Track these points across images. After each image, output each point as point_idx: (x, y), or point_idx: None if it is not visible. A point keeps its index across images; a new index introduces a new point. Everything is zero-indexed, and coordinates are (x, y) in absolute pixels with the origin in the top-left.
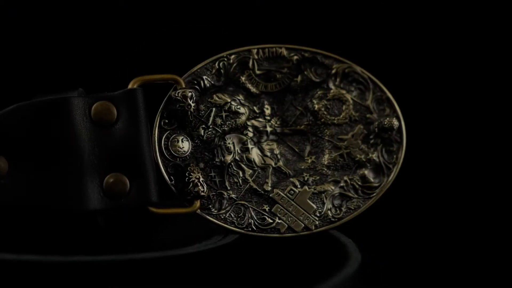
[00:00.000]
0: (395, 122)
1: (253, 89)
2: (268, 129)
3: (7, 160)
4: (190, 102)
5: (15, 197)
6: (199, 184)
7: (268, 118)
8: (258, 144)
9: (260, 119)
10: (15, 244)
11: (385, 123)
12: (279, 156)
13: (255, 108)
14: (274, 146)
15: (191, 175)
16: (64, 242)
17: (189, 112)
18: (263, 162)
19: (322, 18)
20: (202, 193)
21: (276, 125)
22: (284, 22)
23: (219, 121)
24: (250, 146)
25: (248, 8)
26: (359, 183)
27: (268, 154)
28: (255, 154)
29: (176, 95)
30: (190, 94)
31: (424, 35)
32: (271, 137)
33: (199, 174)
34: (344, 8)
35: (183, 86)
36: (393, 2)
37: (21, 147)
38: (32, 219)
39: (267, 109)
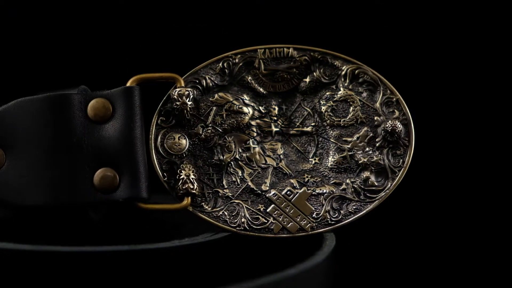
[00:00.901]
0: (399, 126)
1: (260, 89)
2: (274, 129)
3: (5, 154)
4: (187, 101)
5: (8, 194)
6: (188, 181)
7: (275, 118)
8: (261, 144)
9: (265, 119)
10: (8, 234)
11: (387, 126)
12: (282, 156)
13: (261, 108)
14: (278, 146)
15: (181, 172)
16: (50, 234)
17: (185, 111)
18: (264, 162)
19: (328, 18)
20: (192, 191)
21: (282, 125)
22: (285, 21)
23: (219, 120)
24: (252, 145)
25: (248, 7)
26: (362, 186)
27: (271, 154)
28: (256, 153)
29: (173, 93)
30: (187, 93)
31: (436, 37)
32: (276, 137)
33: (190, 172)
34: (352, 7)
35: (182, 84)
36: (404, 1)
37: (17, 142)
38: (24, 212)
39: (274, 109)
